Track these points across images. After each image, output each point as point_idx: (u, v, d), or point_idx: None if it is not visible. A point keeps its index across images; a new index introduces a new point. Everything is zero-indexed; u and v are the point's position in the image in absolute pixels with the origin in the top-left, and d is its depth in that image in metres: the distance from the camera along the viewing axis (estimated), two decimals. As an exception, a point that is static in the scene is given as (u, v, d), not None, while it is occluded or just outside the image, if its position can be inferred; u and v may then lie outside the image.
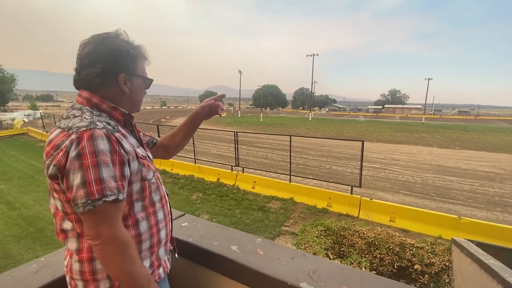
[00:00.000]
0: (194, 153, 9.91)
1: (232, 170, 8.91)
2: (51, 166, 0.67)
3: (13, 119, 26.21)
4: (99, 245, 0.67)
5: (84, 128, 0.68)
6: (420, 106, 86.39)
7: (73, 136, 0.67)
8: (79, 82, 0.80)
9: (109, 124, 0.76)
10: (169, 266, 0.94)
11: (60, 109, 57.44)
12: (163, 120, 34.82)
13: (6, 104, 32.96)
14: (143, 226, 0.82)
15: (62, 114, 0.78)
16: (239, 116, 48.83)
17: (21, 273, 0.92)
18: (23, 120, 27.45)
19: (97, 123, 0.71)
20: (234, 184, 8.40)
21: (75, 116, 0.73)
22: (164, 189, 0.96)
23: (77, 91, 0.82)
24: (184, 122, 1.18)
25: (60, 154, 0.66)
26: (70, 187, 0.66)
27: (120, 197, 0.69)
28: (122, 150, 0.73)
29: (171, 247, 1.01)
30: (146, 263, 0.83)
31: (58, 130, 0.71)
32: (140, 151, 0.85)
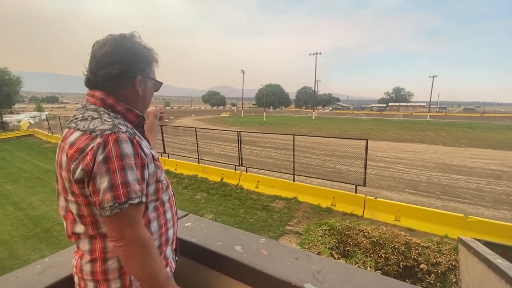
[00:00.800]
0: (198, 153, 9.94)
1: (235, 170, 8.92)
2: (78, 169, 0.67)
3: (19, 121, 26.58)
4: (123, 246, 0.69)
5: (109, 132, 0.69)
6: (424, 104, 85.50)
7: (99, 140, 0.67)
8: (94, 82, 0.79)
9: (127, 126, 0.77)
10: (174, 266, 0.94)
11: (65, 111, 58.02)
12: (167, 120, 34.98)
13: (12, 106, 33.39)
14: (154, 226, 0.83)
15: (75, 115, 0.76)
16: (242, 115, 48.87)
17: (25, 274, 0.93)
18: (29, 122, 27.82)
19: (119, 126, 0.72)
20: (238, 183, 8.40)
21: (93, 118, 0.73)
22: (171, 190, 0.97)
23: (85, 91, 0.82)
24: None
25: (88, 158, 0.67)
26: (96, 190, 0.67)
27: (143, 200, 0.72)
28: (143, 153, 0.74)
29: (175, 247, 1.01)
30: None
31: (78, 133, 0.71)
32: (154, 153, 0.87)
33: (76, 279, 0.81)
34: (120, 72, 0.78)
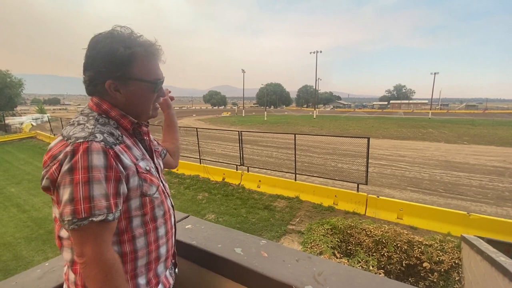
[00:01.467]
0: (199, 153, 9.95)
1: (237, 170, 8.92)
2: (45, 178, 0.65)
3: (22, 123, 26.72)
4: (83, 264, 0.64)
5: (82, 140, 0.64)
6: (426, 101, 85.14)
7: (68, 148, 0.64)
8: (86, 89, 0.77)
9: (112, 134, 0.72)
10: (171, 282, 0.90)
11: (67, 112, 58.31)
12: (168, 120, 34.95)
13: (15, 108, 33.59)
14: (140, 242, 0.77)
15: (71, 119, 0.75)
16: (243, 115, 48.86)
17: (25, 279, 0.92)
18: (31, 124, 27.96)
19: (96, 134, 0.67)
20: (240, 183, 8.41)
21: (79, 124, 0.70)
22: (169, 203, 0.90)
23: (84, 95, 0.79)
24: (163, 126, 1.20)
25: (54, 166, 0.64)
26: (60, 201, 0.63)
27: (110, 218, 0.65)
28: (120, 166, 0.69)
29: (173, 261, 0.96)
30: (142, 280, 0.78)
31: (59, 138, 0.69)
32: (143, 164, 0.78)
33: (64, 286, 0.79)
34: (89, 79, 0.73)
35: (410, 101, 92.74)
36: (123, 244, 0.73)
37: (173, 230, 0.91)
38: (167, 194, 0.90)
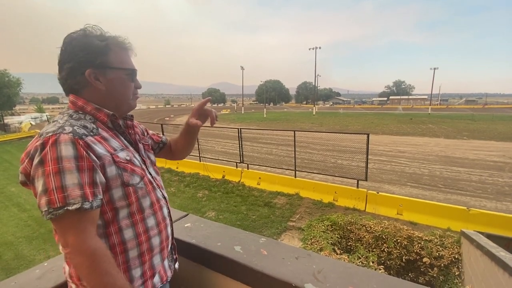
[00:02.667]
0: (199, 151, 9.94)
1: (237, 167, 8.93)
2: (20, 173, 0.68)
3: (21, 122, 26.66)
4: (69, 254, 0.66)
5: (51, 133, 0.66)
6: (426, 97, 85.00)
7: (38, 143, 0.66)
8: (63, 88, 0.80)
9: (85, 127, 0.73)
10: (169, 274, 0.90)
11: (66, 111, 58.10)
12: (167, 118, 35.02)
13: (13, 108, 33.51)
14: (128, 234, 0.77)
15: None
16: (243, 112, 48.78)
17: (24, 279, 0.92)
18: (30, 123, 27.90)
19: (65, 127, 0.68)
20: (239, 180, 8.41)
21: (53, 121, 0.73)
22: (159, 193, 0.90)
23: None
24: (182, 131, 1.12)
25: (27, 161, 0.67)
26: (36, 194, 0.65)
27: (86, 206, 0.65)
28: (93, 155, 0.69)
29: (175, 257, 0.97)
30: (137, 273, 0.79)
31: (36, 136, 0.71)
32: (123, 154, 0.79)
33: (68, 281, 0.81)
34: (68, 72, 0.76)
35: (410, 97, 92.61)
36: (110, 236, 0.74)
37: (167, 221, 0.90)
38: (157, 185, 0.90)
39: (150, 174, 0.89)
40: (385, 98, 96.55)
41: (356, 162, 9.88)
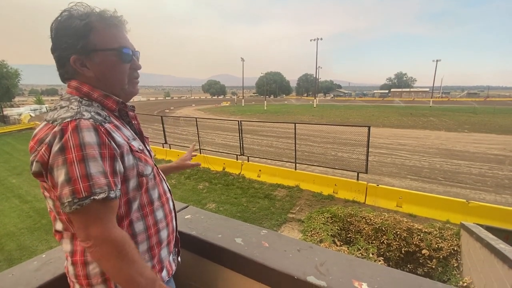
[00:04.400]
0: (199, 143, 9.93)
1: (237, 159, 8.92)
2: (34, 162, 0.62)
3: (20, 114, 26.58)
4: (91, 247, 0.61)
5: (69, 119, 0.61)
6: (427, 89, 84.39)
7: (56, 129, 0.60)
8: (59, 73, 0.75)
9: (99, 114, 0.68)
10: (174, 268, 0.89)
11: (65, 103, 57.87)
12: (167, 111, 34.86)
13: (12, 99, 33.35)
14: (139, 227, 0.75)
15: (50, 107, 0.74)
16: (243, 104, 48.55)
17: (21, 271, 0.91)
18: (30, 115, 27.82)
19: (83, 113, 0.64)
20: (240, 173, 8.43)
21: (61, 107, 0.67)
22: (165, 186, 0.88)
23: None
24: (171, 167, 1.13)
25: (43, 148, 0.60)
26: (55, 184, 0.60)
27: (112, 195, 0.62)
28: (113, 143, 0.66)
29: (176, 249, 0.95)
30: None
31: (43, 123, 0.66)
32: (136, 144, 0.76)
33: (68, 279, 0.77)
34: (57, 61, 0.71)
35: (411, 89, 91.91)
36: (122, 229, 0.71)
37: (172, 214, 0.88)
38: (162, 177, 0.88)
39: (156, 166, 0.86)
40: (387, 91, 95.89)
41: (356, 155, 9.87)
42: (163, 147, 10.78)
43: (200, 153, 9.70)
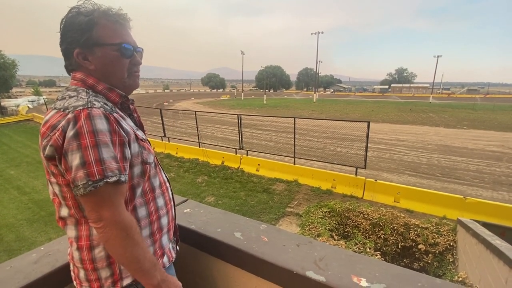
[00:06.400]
0: (198, 137, 9.90)
1: (236, 153, 8.92)
2: (48, 146, 0.65)
3: (18, 105, 26.36)
4: (101, 228, 0.66)
5: (81, 107, 0.65)
6: (428, 85, 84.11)
7: (69, 116, 0.64)
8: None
9: (106, 104, 0.72)
10: (174, 255, 0.92)
11: (63, 95, 57.40)
12: (166, 104, 34.67)
13: (10, 91, 33.05)
14: (142, 212, 0.79)
15: (57, 96, 0.75)
16: (242, 98, 48.32)
17: (20, 263, 0.91)
18: (28, 106, 27.60)
19: (94, 102, 0.68)
20: (239, 167, 8.44)
21: (70, 97, 0.70)
22: (164, 175, 0.92)
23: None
24: None
25: (57, 134, 0.64)
26: (69, 168, 0.64)
27: (122, 179, 0.67)
28: (122, 131, 0.70)
29: (175, 238, 0.98)
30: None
31: (53, 111, 0.69)
32: (140, 133, 0.81)
33: (71, 265, 0.80)
34: (63, 54, 0.75)
35: (411, 85, 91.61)
36: None
37: (172, 203, 0.92)
38: (161, 167, 0.92)
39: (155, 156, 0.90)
40: (387, 86, 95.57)
41: (355, 150, 9.89)
42: (162, 140, 10.75)
43: (199, 147, 9.69)
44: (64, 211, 0.73)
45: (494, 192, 6.88)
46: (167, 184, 0.92)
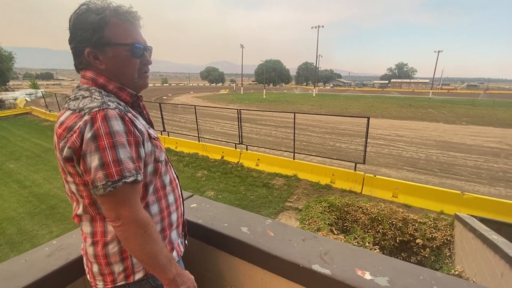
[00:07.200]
0: (198, 131, 9.90)
1: (236, 148, 8.94)
2: (66, 148, 0.66)
3: (15, 99, 26.12)
4: (120, 226, 0.68)
5: (97, 109, 0.66)
6: (428, 80, 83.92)
7: (86, 117, 0.65)
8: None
9: (119, 104, 0.74)
10: (182, 250, 0.94)
11: (61, 88, 56.94)
12: (165, 97, 34.49)
13: (7, 83, 32.75)
14: (154, 209, 0.81)
15: (69, 95, 0.76)
16: (242, 93, 48.10)
17: (34, 256, 0.94)
18: (25, 100, 27.37)
19: (109, 103, 0.69)
20: (238, 161, 8.47)
21: (84, 97, 0.71)
22: (174, 172, 0.94)
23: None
24: None
25: (74, 135, 0.65)
26: (87, 169, 0.65)
27: (139, 178, 0.69)
28: (136, 131, 0.71)
29: (183, 233, 1.00)
30: None
31: (68, 112, 0.69)
32: (152, 132, 0.83)
33: (84, 260, 0.83)
34: (73, 52, 0.75)
35: (412, 80, 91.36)
36: None
37: (181, 199, 0.95)
38: (171, 165, 0.94)
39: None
40: (387, 81, 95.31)
41: (354, 145, 9.94)
42: (161, 135, 10.75)
43: (199, 141, 9.69)
44: (81, 209, 0.75)
45: (491, 187, 6.96)
46: (177, 181, 0.94)
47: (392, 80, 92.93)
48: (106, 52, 0.74)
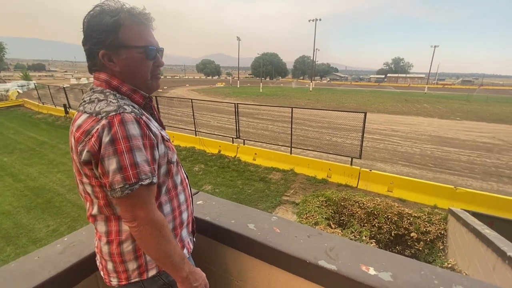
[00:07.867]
0: (195, 125, 9.86)
1: (233, 142, 8.95)
2: (84, 152, 0.68)
3: (7, 90, 25.53)
4: (136, 227, 0.70)
5: (114, 113, 0.67)
6: (423, 75, 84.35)
7: (104, 121, 0.67)
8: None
9: (134, 107, 0.75)
10: (192, 247, 0.97)
11: (54, 80, 55.75)
12: (161, 90, 34.09)
13: (-2, 74, 31.97)
14: (167, 209, 0.83)
15: (84, 98, 0.76)
16: (238, 86, 47.79)
17: (47, 253, 0.95)
18: (17, 91, 26.78)
19: (124, 107, 0.70)
20: (235, 156, 8.49)
21: (99, 100, 0.72)
22: (184, 172, 0.96)
23: (72, 58, 0.78)
24: None
25: (93, 139, 0.66)
26: (106, 172, 0.67)
27: (154, 180, 0.71)
28: (151, 134, 0.73)
29: (191, 230, 1.02)
30: None
31: (85, 115, 0.71)
32: (165, 134, 0.84)
33: (98, 257, 0.85)
34: (87, 54, 0.76)
35: (407, 75, 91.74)
36: None
37: (191, 198, 0.97)
38: (181, 165, 0.96)
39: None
40: (383, 76, 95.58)
41: (350, 140, 10.02)
42: (158, 128, 10.67)
43: (196, 135, 9.66)
44: (95, 209, 0.77)
45: (483, 182, 7.12)
46: (187, 181, 0.97)
47: (388, 75, 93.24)
48: (120, 54, 0.75)
